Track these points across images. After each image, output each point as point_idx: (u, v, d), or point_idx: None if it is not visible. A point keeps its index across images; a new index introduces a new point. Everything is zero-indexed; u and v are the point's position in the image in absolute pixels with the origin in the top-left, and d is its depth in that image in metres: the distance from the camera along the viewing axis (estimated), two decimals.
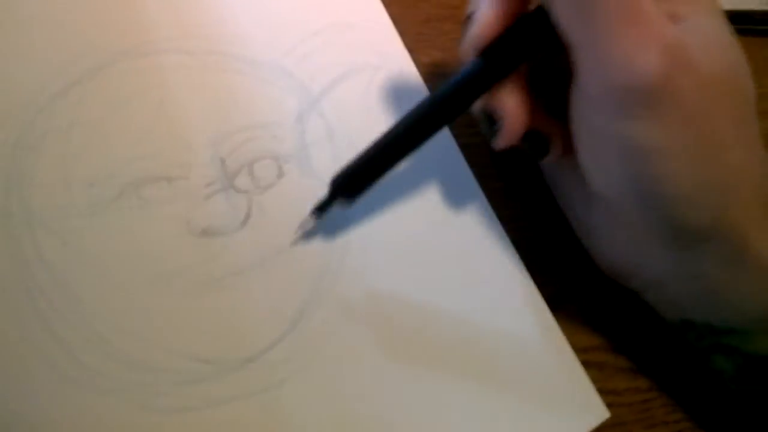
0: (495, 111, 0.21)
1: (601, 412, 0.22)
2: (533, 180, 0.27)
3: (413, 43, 0.29)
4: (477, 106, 0.22)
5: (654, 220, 0.21)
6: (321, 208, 0.23)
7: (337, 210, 0.23)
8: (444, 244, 0.24)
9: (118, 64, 0.25)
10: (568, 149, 0.22)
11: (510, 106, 0.21)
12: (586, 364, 0.23)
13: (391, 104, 0.27)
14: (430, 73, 0.29)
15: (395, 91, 0.28)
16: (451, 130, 0.27)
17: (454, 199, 0.26)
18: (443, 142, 0.27)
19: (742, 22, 0.34)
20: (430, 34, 0.31)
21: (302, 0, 0.29)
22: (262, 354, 0.21)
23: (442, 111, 0.21)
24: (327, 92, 0.27)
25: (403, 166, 0.23)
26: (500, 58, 0.21)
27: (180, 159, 0.23)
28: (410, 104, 0.25)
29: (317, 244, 0.23)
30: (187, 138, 0.24)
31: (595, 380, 0.23)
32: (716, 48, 0.19)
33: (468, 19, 0.21)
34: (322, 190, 0.23)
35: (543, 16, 0.19)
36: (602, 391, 0.23)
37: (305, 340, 0.22)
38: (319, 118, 0.26)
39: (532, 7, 0.21)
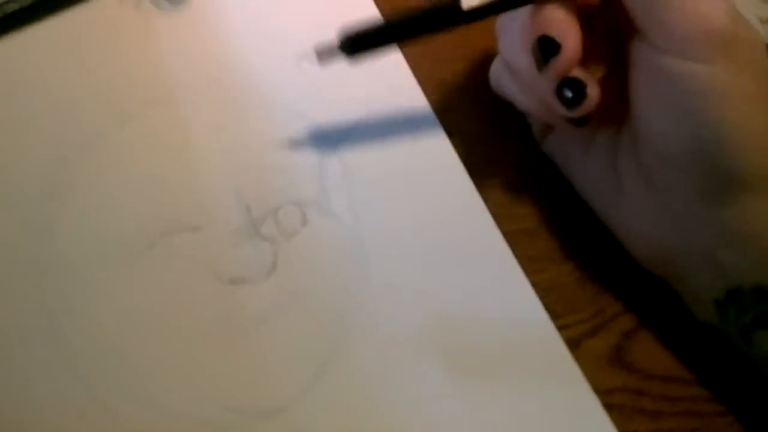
0: (557, 36, 0.22)
1: None
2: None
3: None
4: (535, 34, 0.22)
5: (709, 169, 0.21)
6: (324, 54, 0.23)
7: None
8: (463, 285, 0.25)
9: (141, 113, 0.25)
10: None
11: (571, 33, 0.22)
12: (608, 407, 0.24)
13: (407, 137, 0.28)
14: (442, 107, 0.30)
15: (409, 130, 0.28)
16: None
17: (470, 236, 0.26)
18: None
19: None
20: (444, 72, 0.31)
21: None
22: (293, 401, 0.22)
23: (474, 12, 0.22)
24: (345, 135, 0.27)
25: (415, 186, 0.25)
26: None
27: (205, 207, 0.24)
28: (424, 142, 0.26)
29: (340, 287, 0.24)
30: (211, 186, 0.24)
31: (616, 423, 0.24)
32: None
33: None
34: (343, 237, 0.24)
35: None
36: None
37: (336, 384, 0.22)
38: (337, 161, 0.26)
39: None
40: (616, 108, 0.24)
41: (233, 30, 0.29)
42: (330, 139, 0.27)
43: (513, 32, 0.24)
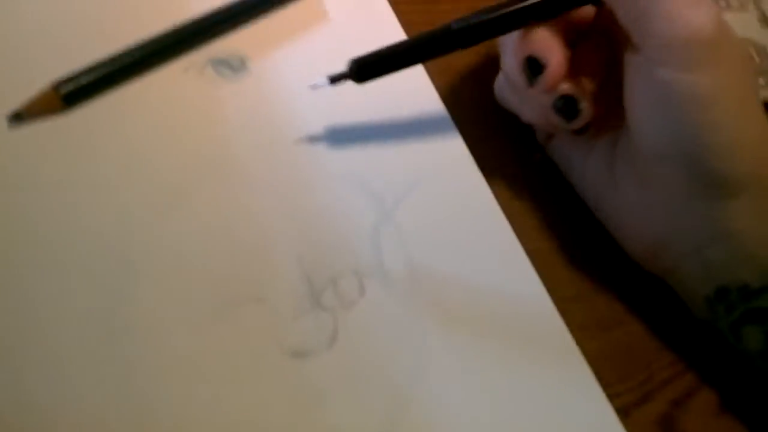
0: (541, 56, 0.24)
1: None
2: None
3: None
4: (522, 54, 0.24)
5: (697, 171, 0.23)
6: (334, 80, 0.26)
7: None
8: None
9: (208, 183, 0.26)
10: (599, 128, 0.26)
11: (554, 52, 0.24)
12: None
13: (461, 208, 0.29)
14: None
15: (465, 195, 0.29)
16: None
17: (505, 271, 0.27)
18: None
19: None
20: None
21: (373, 112, 0.30)
22: None
23: (465, 32, 0.25)
24: (401, 201, 0.28)
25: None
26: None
27: (268, 278, 0.25)
28: (478, 208, 0.27)
29: (399, 359, 0.24)
30: (273, 256, 0.25)
31: None
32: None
33: None
34: (402, 307, 0.25)
35: None
36: None
37: None
38: (394, 229, 0.27)
39: None
40: (614, 112, 0.26)
41: (292, 97, 0.30)
42: (387, 207, 0.28)
43: (509, 51, 0.26)
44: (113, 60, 0.27)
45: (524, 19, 0.24)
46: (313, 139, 0.29)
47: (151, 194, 0.25)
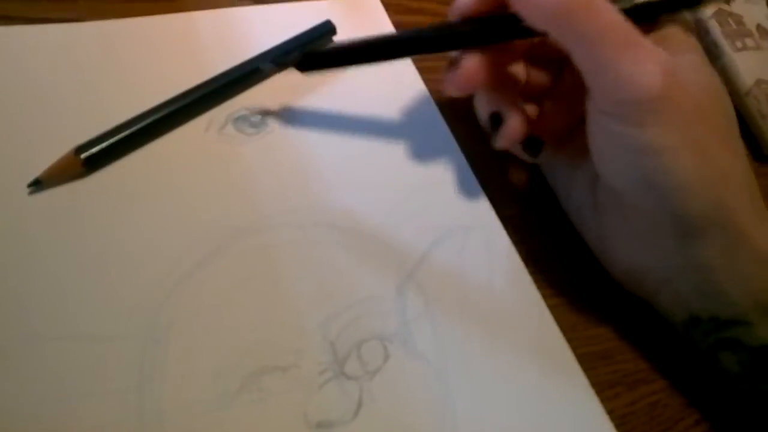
0: (501, 114, 0.27)
1: None
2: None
3: None
4: (486, 111, 0.28)
5: (661, 211, 0.24)
6: (283, 65, 0.28)
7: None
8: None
9: (231, 246, 0.26)
10: (576, 157, 0.28)
11: (514, 110, 0.27)
12: None
13: (483, 264, 0.28)
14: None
15: (486, 251, 0.29)
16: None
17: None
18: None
19: None
20: None
21: (394, 166, 0.30)
22: None
23: (412, 41, 0.27)
24: (423, 260, 0.28)
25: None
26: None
27: (293, 346, 0.25)
28: (502, 266, 0.28)
29: (424, 424, 0.24)
30: (298, 322, 0.25)
31: None
32: (701, 75, 0.25)
33: None
34: (427, 372, 0.24)
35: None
36: None
37: None
38: (417, 289, 0.27)
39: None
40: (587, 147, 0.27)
41: (314, 151, 0.30)
42: (410, 266, 0.27)
43: (480, 105, 0.29)
44: (132, 122, 0.27)
45: (470, 40, 0.26)
46: (336, 196, 0.28)
47: (174, 261, 0.25)
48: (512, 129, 0.27)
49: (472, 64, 0.26)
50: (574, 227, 0.30)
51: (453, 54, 0.27)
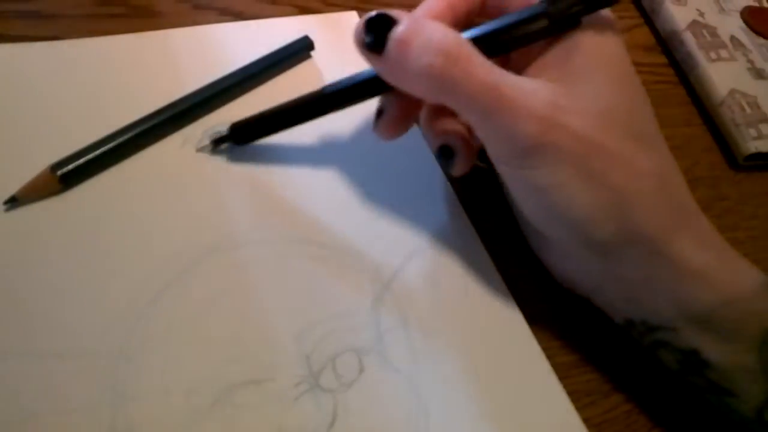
0: (382, 106, 0.27)
1: None
2: None
3: None
4: (435, 144, 0.28)
5: (569, 238, 0.25)
6: (217, 142, 0.29)
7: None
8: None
9: (204, 263, 0.26)
10: None
11: (393, 108, 0.27)
12: None
13: (460, 277, 0.29)
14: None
15: (463, 263, 0.29)
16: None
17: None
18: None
19: None
20: None
21: (369, 178, 0.30)
22: None
23: (333, 97, 0.27)
24: (398, 273, 0.28)
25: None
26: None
27: (267, 359, 0.25)
28: (478, 277, 0.28)
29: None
30: (272, 336, 0.25)
31: None
32: (593, 99, 0.24)
33: None
34: (402, 385, 0.24)
35: None
36: None
37: None
38: (393, 302, 0.27)
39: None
40: None
41: (289, 166, 0.30)
42: (384, 279, 0.28)
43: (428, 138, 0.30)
44: (108, 139, 0.27)
45: (389, 88, 0.26)
46: (310, 210, 0.29)
47: (147, 277, 0.25)
48: (460, 161, 0.28)
49: (393, 111, 0.27)
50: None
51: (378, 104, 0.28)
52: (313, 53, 0.34)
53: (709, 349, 0.24)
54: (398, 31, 0.23)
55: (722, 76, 0.41)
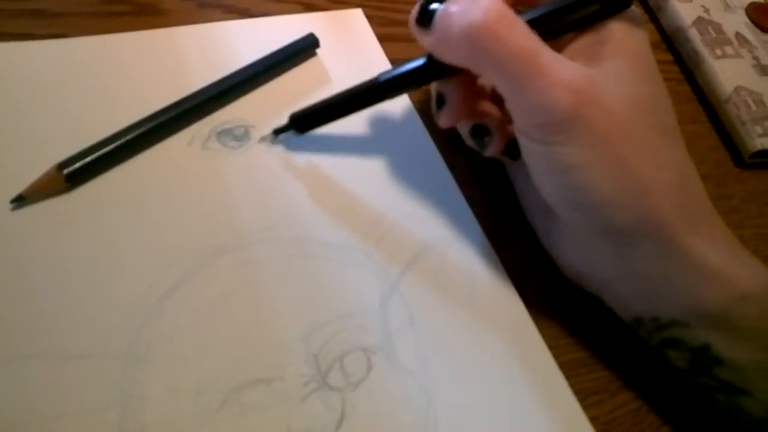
0: (443, 95, 0.28)
1: None
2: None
3: None
4: (469, 124, 0.28)
5: (587, 223, 0.25)
6: (278, 131, 0.30)
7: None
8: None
9: (212, 263, 0.26)
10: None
11: (454, 95, 0.27)
12: None
13: (466, 275, 0.29)
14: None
15: (469, 263, 0.29)
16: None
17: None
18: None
19: None
20: None
21: (377, 178, 0.30)
22: None
23: (389, 84, 0.28)
24: (406, 272, 0.28)
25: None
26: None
27: (276, 359, 0.25)
28: (485, 277, 0.28)
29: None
30: (280, 335, 0.25)
31: None
32: (624, 85, 0.24)
33: None
34: (409, 383, 0.24)
35: None
36: None
37: None
38: (400, 301, 0.27)
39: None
40: None
41: (296, 165, 0.30)
42: (392, 278, 0.28)
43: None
44: (115, 137, 0.27)
45: (440, 73, 0.27)
46: (317, 210, 0.29)
47: (155, 277, 0.25)
48: (499, 138, 0.28)
49: (454, 98, 0.27)
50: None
51: (433, 92, 0.28)
52: (318, 50, 0.34)
53: (722, 346, 0.24)
54: (444, 6, 0.24)
55: (727, 73, 0.41)
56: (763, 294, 0.24)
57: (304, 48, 0.33)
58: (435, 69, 0.27)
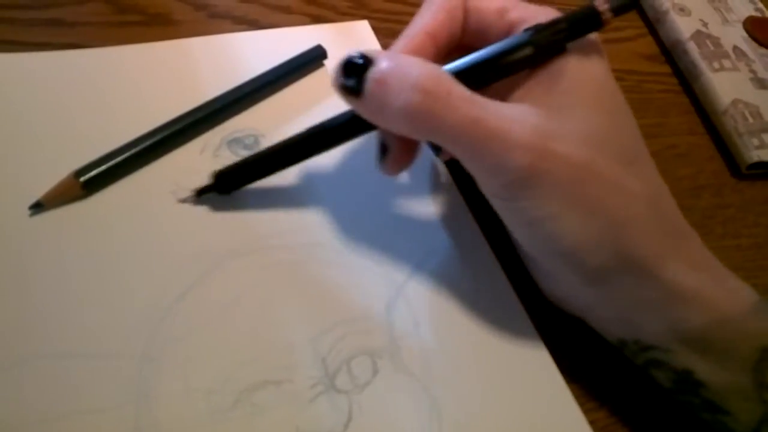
0: (386, 144, 0.27)
1: None
2: None
3: None
4: (377, 136, 0.27)
5: (562, 267, 0.25)
6: (200, 193, 0.28)
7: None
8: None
9: (223, 267, 0.27)
10: None
11: (396, 144, 0.26)
12: None
13: (470, 282, 0.29)
14: None
15: (473, 269, 0.30)
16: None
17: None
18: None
19: None
20: None
21: (382, 186, 0.31)
22: None
23: (318, 138, 0.27)
24: (411, 278, 0.29)
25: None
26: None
27: (285, 361, 0.25)
28: (488, 283, 0.29)
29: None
30: (289, 338, 0.26)
31: None
32: (581, 121, 0.23)
33: None
34: (415, 387, 0.25)
35: None
36: None
37: None
38: (405, 306, 0.28)
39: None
40: None
41: (305, 173, 0.31)
42: (398, 283, 0.28)
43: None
44: (130, 145, 0.28)
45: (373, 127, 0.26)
46: (326, 217, 0.30)
47: (169, 280, 0.26)
48: (395, 158, 0.28)
49: (395, 148, 0.27)
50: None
51: (378, 141, 0.28)
52: (326, 62, 0.35)
53: (702, 369, 0.24)
54: (375, 70, 0.23)
55: (725, 86, 0.42)
56: (740, 317, 0.24)
57: (313, 59, 0.34)
58: (366, 124, 0.25)
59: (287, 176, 0.30)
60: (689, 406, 0.26)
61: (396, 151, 0.27)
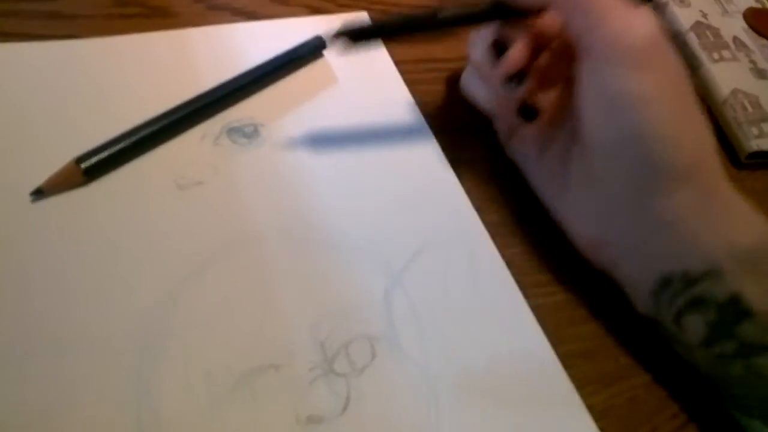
0: (506, 40, 0.28)
1: None
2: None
3: None
4: (490, 39, 0.29)
5: (640, 165, 0.25)
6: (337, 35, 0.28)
7: None
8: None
9: (224, 255, 0.27)
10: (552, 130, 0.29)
11: (516, 38, 0.28)
12: None
13: (468, 268, 0.29)
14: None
15: (471, 255, 0.30)
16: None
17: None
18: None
19: None
20: None
21: (381, 175, 0.31)
22: None
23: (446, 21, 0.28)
24: (409, 265, 0.29)
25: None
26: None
27: (285, 346, 0.26)
28: (485, 269, 0.29)
29: (411, 423, 0.25)
30: (289, 324, 0.26)
31: None
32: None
33: None
34: (413, 370, 0.25)
35: None
36: None
37: None
38: (403, 293, 0.28)
39: None
40: (569, 117, 0.29)
41: (303, 162, 0.31)
42: (396, 272, 0.29)
43: (479, 42, 0.30)
44: (131, 133, 0.28)
45: (493, 16, 0.28)
46: (324, 206, 0.30)
47: (170, 268, 0.26)
48: (517, 52, 0.28)
49: (521, 41, 0.28)
50: (543, 203, 0.31)
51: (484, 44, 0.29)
52: (325, 52, 0.35)
53: (752, 291, 0.24)
54: None
55: (725, 76, 0.42)
56: None
57: (312, 49, 0.34)
58: (501, 11, 0.28)
59: (286, 164, 0.30)
60: (718, 360, 0.26)
61: (519, 45, 0.28)
